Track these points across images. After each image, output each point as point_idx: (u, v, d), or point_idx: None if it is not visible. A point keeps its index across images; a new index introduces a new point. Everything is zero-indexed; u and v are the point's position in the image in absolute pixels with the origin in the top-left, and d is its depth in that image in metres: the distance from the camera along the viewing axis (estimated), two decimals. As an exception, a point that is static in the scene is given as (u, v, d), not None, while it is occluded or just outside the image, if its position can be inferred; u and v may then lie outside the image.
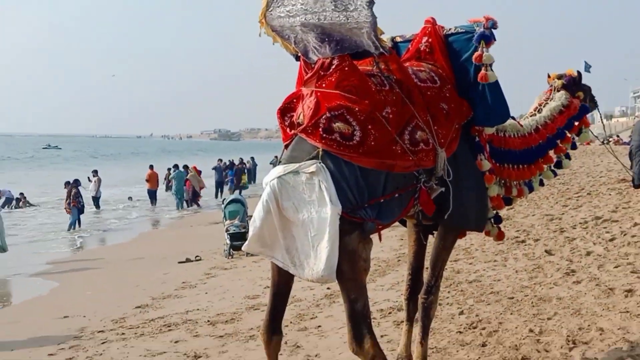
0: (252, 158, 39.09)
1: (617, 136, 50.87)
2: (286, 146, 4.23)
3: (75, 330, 8.35)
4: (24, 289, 12.66)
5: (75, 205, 22.78)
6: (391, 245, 11.65)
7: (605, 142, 8.23)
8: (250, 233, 4.11)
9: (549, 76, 5.90)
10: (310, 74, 4.20)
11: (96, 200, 28.04)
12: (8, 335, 8.51)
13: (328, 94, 4.07)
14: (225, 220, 14.66)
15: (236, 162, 36.71)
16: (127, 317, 8.86)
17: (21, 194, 31.92)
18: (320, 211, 3.82)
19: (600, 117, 6.78)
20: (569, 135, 5.72)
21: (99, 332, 8.13)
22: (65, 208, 22.92)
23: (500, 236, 5.42)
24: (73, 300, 10.70)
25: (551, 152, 5.61)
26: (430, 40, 4.92)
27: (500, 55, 4.79)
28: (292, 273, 4.06)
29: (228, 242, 13.87)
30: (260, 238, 4.05)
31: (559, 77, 5.83)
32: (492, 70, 4.68)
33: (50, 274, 13.99)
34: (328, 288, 8.60)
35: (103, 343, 7.59)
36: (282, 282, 4.32)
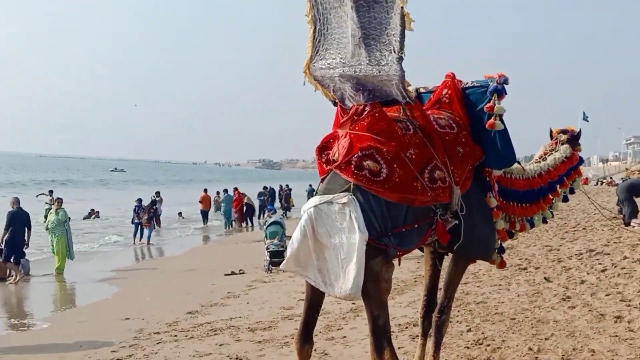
0: (287, 185, 39.30)
1: (611, 178, 50.29)
2: (322, 179, 4.26)
3: (135, 331, 8.36)
4: (92, 293, 12.71)
5: (156, 221, 22.97)
6: (409, 267, 11.55)
7: (593, 183, 8.11)
8: (288, 253, 4.12)
9: (551, 131, 5.91)
10: (345, 118, 4.26)
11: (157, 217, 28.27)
12: (77, 333, 8.56)
13: (360, 136, 4.10)
14: (266, 239, 14.62)
15: (276, 189, 37.15)
16: (180, 321, 8.85)
17: (92, 209, 32.47)
18: (350, 237, 3.83)
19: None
20: (567, 181, 5.72)
21: (155, 333, 8.13)
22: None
23: (502, 264, 5.35)
24: (133, 304, 10.73)
25: (551, 195, 5.57)
26: (449, 92, 4.92)
27: (510, 103, 4.77)
28: (322, 291, 4.05)
29: (268, 258, 13.82)
30: (296, 259, 4.06)
31: (563, 132, 5.83)
32: (500, 120, 4.66)
33: (114, 280, 14.05)
34: (353, 303, 8.51)
35: (158, 343, 7.59)
36: (315, 298, 4.31)
